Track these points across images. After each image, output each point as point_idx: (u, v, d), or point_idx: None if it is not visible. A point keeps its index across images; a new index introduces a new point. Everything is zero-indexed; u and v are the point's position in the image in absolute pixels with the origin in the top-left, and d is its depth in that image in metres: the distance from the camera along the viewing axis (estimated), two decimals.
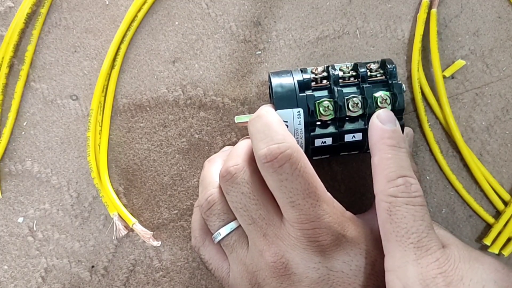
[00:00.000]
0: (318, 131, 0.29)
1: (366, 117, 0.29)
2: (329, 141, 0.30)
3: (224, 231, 0.29)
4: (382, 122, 0.28)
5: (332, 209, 0.27)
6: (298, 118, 0.29)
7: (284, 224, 0.27)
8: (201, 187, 0.30)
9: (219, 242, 0.29)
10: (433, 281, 0.24)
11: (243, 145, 0.30)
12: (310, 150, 0.30)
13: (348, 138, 0.30)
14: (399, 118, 0.29)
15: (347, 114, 0.29)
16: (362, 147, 0.30)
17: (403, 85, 0.30)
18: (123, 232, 0.34)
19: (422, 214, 0.25)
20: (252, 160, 0.28)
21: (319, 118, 0.29)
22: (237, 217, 0.28)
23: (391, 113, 0.28)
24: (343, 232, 0.27)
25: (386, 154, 0.27)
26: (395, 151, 0.27)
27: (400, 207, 0.25)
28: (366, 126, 0.29)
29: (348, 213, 0.28)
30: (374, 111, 0.29)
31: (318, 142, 0.29)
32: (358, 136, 0.29)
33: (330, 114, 0.29)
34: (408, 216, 0.25)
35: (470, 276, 0.24)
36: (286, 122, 0.29)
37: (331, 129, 0.29)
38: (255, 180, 0.28)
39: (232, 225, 0.29)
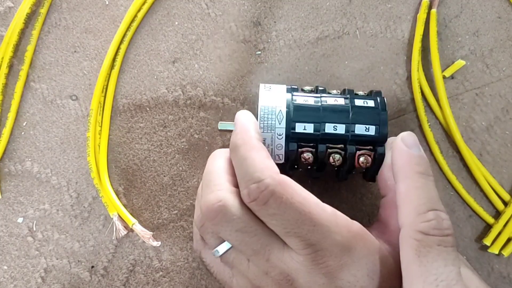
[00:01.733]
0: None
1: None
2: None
3: (221, 248, 0.27)
4: (408, 146, 0.26)
5: (334, 228, 0.25)
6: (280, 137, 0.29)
7: (287, 248, 0.26)
8: (204, 186, 0.28)
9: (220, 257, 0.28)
10: None
11: (217, 168, 0.28)
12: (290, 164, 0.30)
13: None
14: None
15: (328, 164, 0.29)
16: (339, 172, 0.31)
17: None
18: (123, 232, 0.34)
19: (453, 257, 0.23)
20: (235, 185, 0.27)
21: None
22: (239, 250, 0.27)
23: (416, 137, 0.27)
24: (348, 252, 0.25)
25: (415, 183, 0.25)
26: (424, 180, 0.25)
27: (431, 248, 0.23)
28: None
29: (356, 227, 0.26)
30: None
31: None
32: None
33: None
34: (439, 260, 0.23)
35: None
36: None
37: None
38: (246, 209, 0.26)
39: (226, 245, 0.27)
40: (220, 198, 0.26)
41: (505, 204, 0.35)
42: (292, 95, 0.29)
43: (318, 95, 0.30)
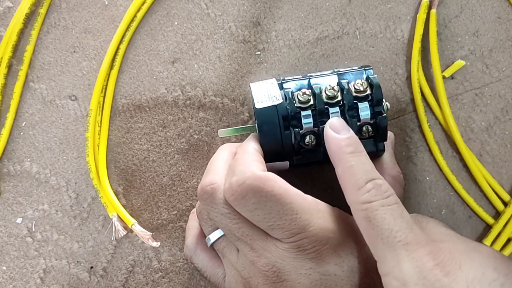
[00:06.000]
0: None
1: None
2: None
3: (213, 236, 0.29)
4: (336, 131, 0.28)
5: (316, 214, 0.26)
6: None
7: (271, 238, 0.27)
8: (205, 171, 0.30)
9: (211, 245, 0.29)
10: (430, 273, 0.23)
11: (220, 158, 0.29)
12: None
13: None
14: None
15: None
16: None
17: (387, 103, 0.30)
18: (122, 232, 0.34)
19: (399, 211, 0.25)
20: None
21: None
22: (226, 236, 0.28)
23: (342, 121, 0.28)
24: (332, 235, 0.26)
25: (348, 163, 0.26)
26: (355, 157, 0.27)
27: (377, 211, 0.25)
28: None
29: (337, 211, 0.28)
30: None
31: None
32: None
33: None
34: (387, 216, 0.25)
35: (469, 264, 0.24)
36: None
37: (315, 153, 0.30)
38: None
39: (221, 231, 0.29)
40: (213, 181, 0.28)
41: (505, 204, 0.35)
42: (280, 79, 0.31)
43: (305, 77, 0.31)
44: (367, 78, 0.29)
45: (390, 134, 0.32)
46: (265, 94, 0.29)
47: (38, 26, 0.36)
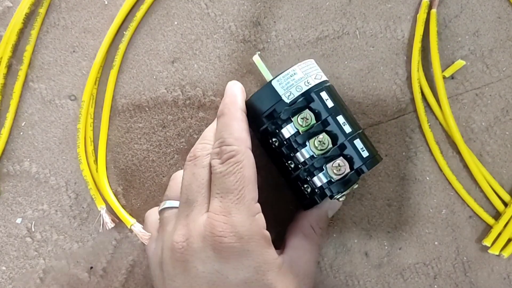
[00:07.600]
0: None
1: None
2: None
3: (169, 203, 0.31)
4: None
5: (249, 214, 0.27)
6: None
7: (205, 213, 0.28)
8: (200, 138, 0.31)
9: (160, 211, 0.31)
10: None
11: (213, 127, 0.31)
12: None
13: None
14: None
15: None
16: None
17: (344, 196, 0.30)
18: (110, 225, 0.34)
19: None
20: None
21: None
22: (180, 192, 0.29)
23: None
24: (246, 240, 0.26)
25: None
26: None
27: None
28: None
29: (267, 233, 0.28)
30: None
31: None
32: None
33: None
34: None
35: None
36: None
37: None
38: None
39: (174, 203, 0.30)
40: (202, 148, 0.30)
41: (505, 204, 0.35)
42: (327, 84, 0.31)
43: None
44: (355, 167, 0.29)
45: (339, 203, 0.33)
46: (288, 84, 0.29)
47: (38, 26, 0.36)
